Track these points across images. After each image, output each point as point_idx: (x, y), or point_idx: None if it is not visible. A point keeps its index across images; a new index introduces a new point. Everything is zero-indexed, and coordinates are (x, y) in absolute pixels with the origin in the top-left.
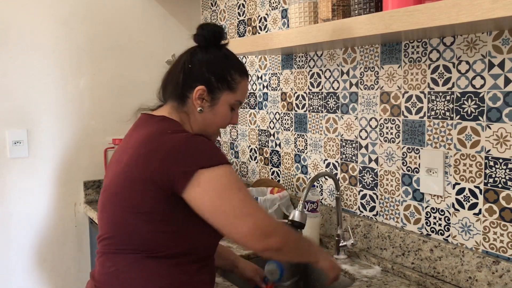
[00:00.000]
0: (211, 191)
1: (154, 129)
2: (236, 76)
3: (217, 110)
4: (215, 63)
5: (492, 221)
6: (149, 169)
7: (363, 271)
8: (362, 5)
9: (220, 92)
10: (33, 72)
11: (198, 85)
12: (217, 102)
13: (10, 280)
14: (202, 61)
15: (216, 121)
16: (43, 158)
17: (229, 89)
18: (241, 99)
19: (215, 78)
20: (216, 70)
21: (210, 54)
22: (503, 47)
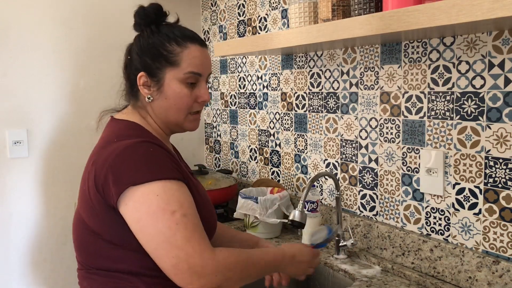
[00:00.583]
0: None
1: (107, 136)
2: (173, 47)
3: (167, 91)
4: (146, 43)
5: (492, 221)
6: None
7: (363, 271)
8: (362, 5)
9: (161, 71)
10: (33, 72)
11: (138, 72)
12: (162, 83)
13: (10, 280)
14: (135, 47)
15: (173, 104)
16: (43, 158)
17: (170, 64)
18: (193, 70)
19: (149, 58)
20: (148, 50)
21: (142, 37)
22: (503, 47)
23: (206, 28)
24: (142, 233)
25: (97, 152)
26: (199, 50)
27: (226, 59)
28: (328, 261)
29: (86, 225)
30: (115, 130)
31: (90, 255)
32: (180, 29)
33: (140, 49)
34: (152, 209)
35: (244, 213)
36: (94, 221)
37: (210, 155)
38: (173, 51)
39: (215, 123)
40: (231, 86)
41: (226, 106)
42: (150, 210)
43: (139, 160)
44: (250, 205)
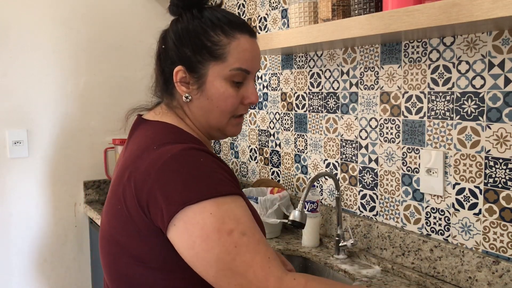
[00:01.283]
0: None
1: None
2: (220, 37)
3: (209, 90)
4: (186, 30)
5: (492, 221)
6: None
7: (363, 271)
8: (362, 5)
9: (203, 65)
10: (33, 72)
11: (175, 66)
12: (204, 80)
13: (10, 280)
14: (173, 35)
15: (214, 107)
16: (43, 158)
17: (214, 58)
18: (241, 66)
19: (189, 49)
20: (188, 39)
21: (181, 23)
22: (503, 47)
23: None
24: (198, 260)
25: (133, 162)
26: (249, 41)
27: None
28: (328, 261)
29: (126, 251)
30: (151, 135)
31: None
32: (227, 14)
33: (177, 38)
34: (206, 232)
35: None
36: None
37: None
38: (218, 42)
39: None
40: None
41: None
42: (203, 232)
43: (190, 173)
44: None
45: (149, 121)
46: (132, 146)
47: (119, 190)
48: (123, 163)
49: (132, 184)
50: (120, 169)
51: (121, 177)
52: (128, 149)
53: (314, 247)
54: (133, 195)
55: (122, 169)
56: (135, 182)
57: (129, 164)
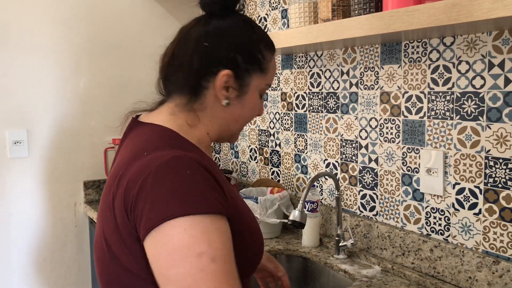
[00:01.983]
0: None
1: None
2: (267, 53)
3: (247, 100)
4: (239, 37)
5: (492, 221)
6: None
7: (363, 271)
8: (362, 5)
9: (250, 76)
10: (33, 72)
11: (221, 69)
12: (247, 90)
13: (10, 280)
14: (222, 35)
15: (244, 115)
16: (43, 158)
17: (261, 71)
18: (271, 82)
19: (243, 58)
20: (242, 47)
21: (230, 23)
22: (503, 47)
23: None
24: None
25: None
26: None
27: None
28: (328, 261)
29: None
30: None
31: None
32: (265, 32)
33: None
34: (173, 247)
35: None
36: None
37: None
38: (266, 57)
39: None
40: None
41: None
42: (171, 248)
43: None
44: (250, 205)
45: (146, 124)
46: (125, 151)
47: (109, 197)
48: (114, 170)
49: (121, 190)
50: (111, 175)
51: (111, 184)
52: (121, 153)
53: (314, 247)
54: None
55: (113, 175)
56: (124, 189)
57: (119, 171)
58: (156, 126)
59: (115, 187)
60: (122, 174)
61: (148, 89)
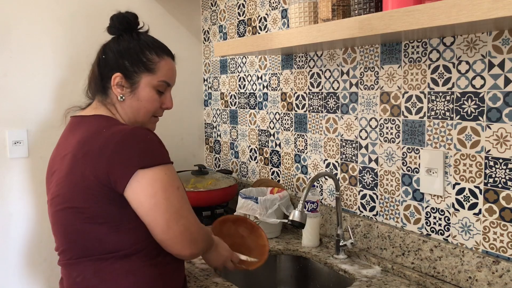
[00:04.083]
0: (149, 190)
1: (89, 130)
2: (153, 56)
3: (140, 94)
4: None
5: (492, 221)
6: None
7: (363, 271)
8: (362, 5)
9: (138, 75)
10: (33, 72)
11: (114, 72)
12: (137, 86)
13: (10, 280)
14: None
15: (142, 107)
16: (43, 158)
17: (147, 71)
18: (165, 79)
19: (129, 62)
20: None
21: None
22: (503, 47)
23: (206, 28)
24: (155, 206)
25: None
26: (171, 63)
27: (226, 59)
28: (328, 261)
29: (80, 214)
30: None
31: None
32: (157, 41)
33: (119, 52)
34: (164, 185)
35: (244, 213)
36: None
37: (210, 155)
38: (152, 60)
39: (215, 123)
40: (231, 86)
41: (226, 106)
42: (162, 185)
43: (143, 145)
44: (250, 205)
45: (88, 116)
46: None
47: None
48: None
49: (89, 159)
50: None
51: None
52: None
53: (314, 247)
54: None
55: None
56: (92, 157)
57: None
58: (99, 115)
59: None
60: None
61: None
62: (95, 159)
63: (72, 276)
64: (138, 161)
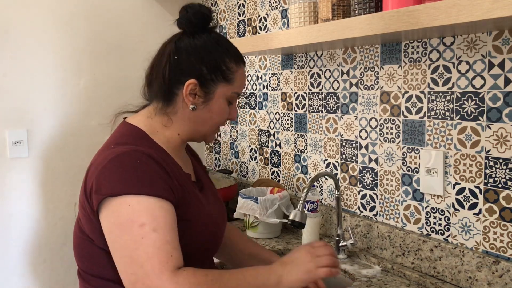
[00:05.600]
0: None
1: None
2: (232, 65)
3: (213, 105)
4: (205, 51)
5: (492, 221)
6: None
7: (363, 271)
8: (362, 5)
9: (215, 84)
10: (33, 72)
11: (188, 78)
12: (212, 96)
13: (10, 280)
14: (190, 50)
15: (212, 119)
16: (43, 158)
17: (225, 80)
18: (239, 91)
19: (207, 69)
20: (207, 59)
21: (199, 40)
22: (503, 47)
23: None
24: (110, 244)
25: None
26: (244, 72)
27: None
28: None
29: (82, 231)
30: (117, 136)
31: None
32: (233, 46)
33: (196, 55)
34: (120, 220)
35: (244, 213)
36: (88, 227)
37: (210, 155)
38: (231, 68)
39: None
40: None
41: None
42: (119, 220)
43: (123, 172)
44: (250, 205)
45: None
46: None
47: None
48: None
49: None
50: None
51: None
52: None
53: None
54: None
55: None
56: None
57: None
58: (131, 125)
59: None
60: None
61: None
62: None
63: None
64: (109, 187)
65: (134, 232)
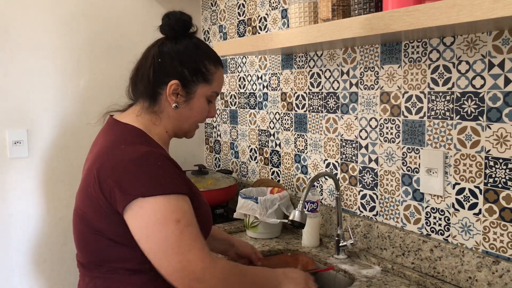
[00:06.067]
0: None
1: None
2: (211, 67)
3: (194, 104)
4: (187, 54)
5: (492, 221)
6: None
7: (363, 271)
8: (362, 5)
9: (196, 85)
10: (33, 72)
11: (170, 79)
12: (193, 96)
13: (10, 280)
14: (173, 53)
15: (193, 116)
16: (43, 158)
17: (205, 81)
18: (217, 90)
19: (188, 71)
20: (189, 62)
21: (180, 44)
22: (503, 47)
23: (206, 28)
24: (148, 239)
25: (101, 156)
26: (223, 73)
27: (226, 59)
28: (328, 261)
29: (89, 224)
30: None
31: (91, 253)
32: (212, 49)
33: (178, 58)
34: (159, 217)
35: (244, 213)
36: (99, 221)
37: (210, 155)
38: (210, 70)
39: (215, 123)
40: (231, 86)
41: (226, 106)
42: (157, 218)
43: (149, 173)
44: (250, 205)
45: (120, 123)
46: (104, 141)
47: (90, 176)
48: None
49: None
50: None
51: (92, 166)
52: (99, 143)
53: (314, 247)
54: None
55: (94, 159)
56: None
57: (100, 157)
58: (127, 125)
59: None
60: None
61: None
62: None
63: (85, 280)
64: (140, 188)
65: (172, 228)
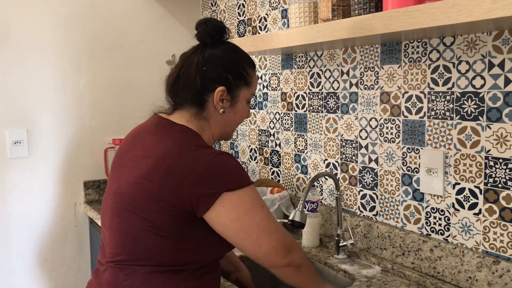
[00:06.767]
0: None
1: (177, 142)
2: (250, 70)
3: (238, 108)
4: (228, 61)
5: (492, 221)
6: (168, 187)
7: (363, 271)
8: (362, 5)
9: (239, 89)
10: (33, 72)
11: (217, 86)
12: (237, 100)
13: (11, 280)
14: (215, 60)
15: (236, 119)
16: (43, 158)
17: (246, 85)
18: (254, 92)
19: (232, 76)
20: (231, 67)
21: (220, 51)
22: (503, 47)
23: None
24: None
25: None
26: (256, 75)
27: None
28: (328, 261)
29: (144, 222)
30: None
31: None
32: (247, 54)
33: (223, 65)
34: (248, 207)
35: None
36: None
37: None
38: (249, 74)
39: None
40: None
41: None
42: (246, 208)
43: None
44: None
45: (178, 125)
46: (166, 141)
47: (155, 175)
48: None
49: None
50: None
51: (158, 165)
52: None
53: (314, 247)
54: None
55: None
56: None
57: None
58: (189, 128)
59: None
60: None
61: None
62: (179, 178)
63: (119, 278)
64: (224, 184)
65: (261, 213)
